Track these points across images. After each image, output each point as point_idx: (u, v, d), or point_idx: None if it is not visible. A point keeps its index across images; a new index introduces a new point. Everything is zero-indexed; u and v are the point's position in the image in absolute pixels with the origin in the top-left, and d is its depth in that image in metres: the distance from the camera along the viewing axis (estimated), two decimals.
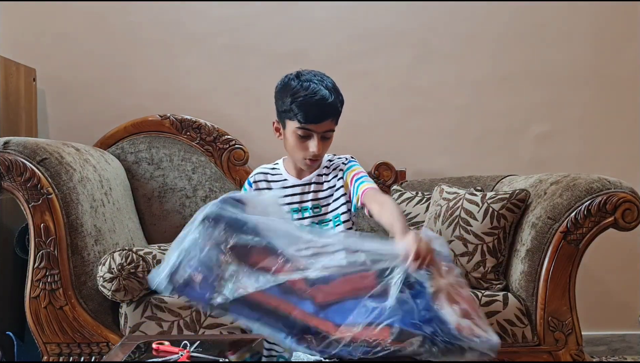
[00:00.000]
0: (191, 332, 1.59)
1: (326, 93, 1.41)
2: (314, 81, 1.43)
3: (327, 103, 1.41)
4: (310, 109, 1.40)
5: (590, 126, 2.49)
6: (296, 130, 1.43)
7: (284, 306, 1.11)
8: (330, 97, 1.42)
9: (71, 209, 1.62)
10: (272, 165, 1.61)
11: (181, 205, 2.24)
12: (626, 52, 2.48)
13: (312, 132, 1.43)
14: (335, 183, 1.53)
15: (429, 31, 2.46)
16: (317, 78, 1.44)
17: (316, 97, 1.40)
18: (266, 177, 1.57)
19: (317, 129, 1.42)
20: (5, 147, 1.59)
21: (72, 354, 1.65)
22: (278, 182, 1.56)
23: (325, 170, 1.55)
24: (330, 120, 1.44)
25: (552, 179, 1.75)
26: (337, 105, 1.45)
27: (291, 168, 1.56)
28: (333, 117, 1.45)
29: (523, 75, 2.48)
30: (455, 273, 1.16)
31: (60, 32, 2.39)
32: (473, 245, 1.74)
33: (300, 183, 1.54)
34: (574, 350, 1.65)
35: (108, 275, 1.56)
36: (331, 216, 1.53)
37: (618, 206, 1.60)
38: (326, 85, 1.44)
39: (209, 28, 2.42)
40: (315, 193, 1.53)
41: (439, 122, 2.48)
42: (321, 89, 1.42)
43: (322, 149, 1.46)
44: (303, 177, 1.54)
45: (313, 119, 1.41)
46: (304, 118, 1.41)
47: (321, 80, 1.44)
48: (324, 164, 1.56)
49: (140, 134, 2.28)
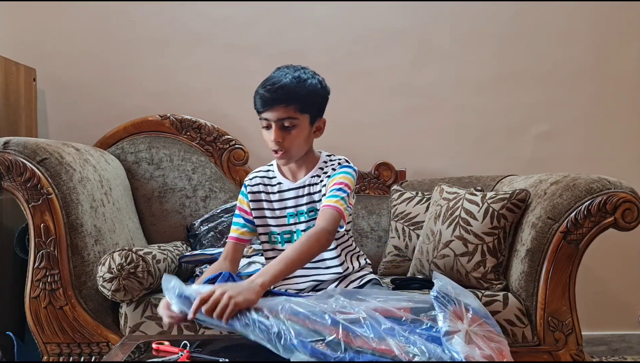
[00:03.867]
0: (191, 332, 1.59)
1: (279, 79, 1.38)
2: (277, 72, 1.42)
3: (276, 87, 1.37)
4: (262, 96, 1.39)
5: (590, 126, 2.49)
6: (261, 123, 1.43)
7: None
8: (283, 82, 1.37)
9: (71, 209, 1.62)
10: (267, 168, 1.58)
11: (181, 205, 2.24)
12: (626, 52, 2.48)
13: (269, 121, 1.41)
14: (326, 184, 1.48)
15: (429, 31, 2.46)
16: (286, 69, 1.42)
17: (266, 84, 1.39)
18: (263, 181, 1.55)
19: (269, 116, 1.40)
20: (5, 147, 1.59)
21: (72, 354, 1.65)
22: (274, 186, 1.53)
23: (319, 171, 1.50)
24: (283, 106, 1.38)
25: (552, 179, 1.75)
26: (292, 90, 1.37)
27: (285, 169, 1.53)
28: (287, 103, 1.38)
29: (523, 75, 2.48)
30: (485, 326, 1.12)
31: (60, 32, 2.39)
32: (473, 245, 1.74)
33: (294, 187, 1.51)
34: (574, 350, 1.65)
35: (108, 275, 1.56)
36: None
37: (618, 206, 1.60)
38: (285, 73, 1.40)
39: (209, 28, 2.42)
40: (310, 196, 1.50)
41: (439, 122, 2.48)
42: (275, 76, 1.40)
43: (288, 139, 1.41)
44: (298, 179, 1.51)
45: (262, 105, 1.40)
46: (257, 106, 1.41)
47: (286, 70, 1.42)
48: (319, 164, 1.51)
49: (140, 134, 2.28)
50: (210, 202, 2.26)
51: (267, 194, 1.53)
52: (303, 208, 1.50)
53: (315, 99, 1.44)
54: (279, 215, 1.52)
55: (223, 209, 2.20)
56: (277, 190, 1.52)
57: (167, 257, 1.76)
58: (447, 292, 1.14)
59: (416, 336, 1.07)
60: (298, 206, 1.50)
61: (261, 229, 1.54)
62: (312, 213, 1.49)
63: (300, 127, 1.41)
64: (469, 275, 1.75)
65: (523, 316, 1.65)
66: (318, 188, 1.49)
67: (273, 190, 1.53)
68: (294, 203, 1.50)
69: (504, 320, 1.63)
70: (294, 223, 1.50)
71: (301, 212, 1.50)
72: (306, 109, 1.41)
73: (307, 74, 1.43)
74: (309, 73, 1.44)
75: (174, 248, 1.91)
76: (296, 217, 1.50)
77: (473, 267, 1.74)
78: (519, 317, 1.65)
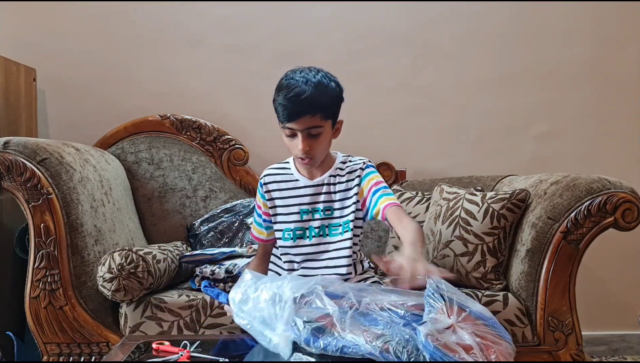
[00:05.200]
0: (191, 332, 1.59)
1: (303, 89, 1.36)
2: (295, 78, 1.39)
3: (302, 99, 1.36)
4: (286, 107, 1.37)
5: (590, 126, 2.49)
6: (283, 130, 1.43)
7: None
8: (308, 92, 1.36)
9: (71, 209, 1.62)
10: (281, 165, 1.59)
11: (181, 205, 2.24)
12: (626, 52, 2.48)
13: (295, 130, 1.40)
14: (350, 186, 1.50)
15: (429, 31, 2.46)
16: (302, 74, 1.40)
17: (290, 95, 1.36)
18: (275, 178, 1.56)
19: (296, 126, 1.39)
20: (5, 147, 1.59)
21: (72, 354, 1.65)
22: (288, 182, 1.54)
23: (339, 171, 1.52)
24: (309, 116, 1.37)
25: (552, 179, 1.75)
26: (317, 100, 1.37)
27: (302, 167, 1.54)
28: (313, 113, 1.37)
29: (523, 75, 2.48)
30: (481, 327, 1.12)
31: (60, 32, 2.39)
32: (473, 245, 1.74)
33: (312, 184, 1.52)
34: (574, 350, 1.65)
35: (108, 275, 1.56)
36: (341, 221, 1.51)
37: (618, 206, 1.60)
38: (307, 80, 1.37)
39: (209, 28, 2.42)
40: (327, 195, 1.51)
41: (439, 122, 2.48)
42: (299, 85, 1.37)
43: (314, 147, 1.42)
44: (314, 178, 1.53)
45: (288, 116, 1.38)
46: (282, 117, 1.39)
47: (305, 76, 1.39)
48: (337, 165, 1.53)
49: (141, 134, 2.28)
50: (211, 202, 2.26)
51: (280, 191, 1.55)
52: (319, 206, 1.51)
53: (337, 104, 1.45)
54: (292, 211, 1.53)
55: (223, 209, 2.20)
56: (292, 186, 1.54)
57: (167, 257, 1.76)
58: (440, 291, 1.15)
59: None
60: (314, 203, 1.52)
61: (277, 226, 1.56)
62: (328, 212, 1.51)
63: (325, 133, 1.43)
64: (469, 275, 1.75)
65: (523, 316, 1.65)
66: (338, 188, 1.51)
67: (288, 186, 1.54)
68: (310, 200, 1.52)
69: (504, 320, 1.63)
70: (307, 219, 1.52)
71: (316, 210, 1.52)
72: (329, 115, 1.42)
73: (326, 79, 1.41)
74: (328, 77, 1.43)
75: (174, 248, 1.91)
76: (310, 214, 1.52)
77: (473, 267, 1.74)
78: (519, 317, 1.65)
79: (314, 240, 1.51)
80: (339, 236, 1.50)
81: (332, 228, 1.51)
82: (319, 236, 1.51)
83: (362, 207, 1.50)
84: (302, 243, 1.52)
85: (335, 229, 1.51)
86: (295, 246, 1.53)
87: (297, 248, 1.53)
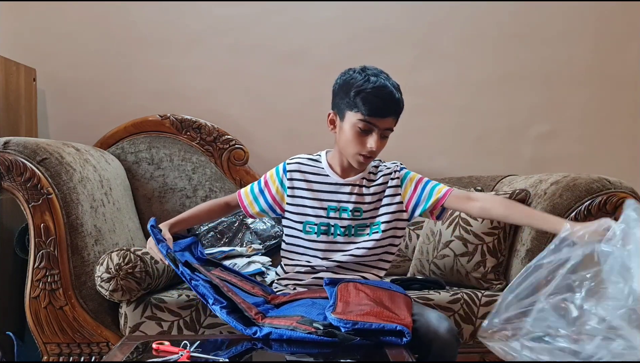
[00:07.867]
0: (191, 332, 1.59)
1: (393, 91, 1.41)
2: (381, 77, 1.43)
3: (394, 99, 1.41)
4: (376, 103, 1.40)
5: (590, 126, 2.49)
6: (357, 123, 1.42)
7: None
8: (397, 95, 1.42)
9: (71, 209, 1.62)
10: (312, 156, 1.58)
11: (181, 205, 2.24)
12: (626, 52, 2.48)
13: (374, 127, 1.42)
14: (386, 190, 1.51)
15: (429, 31, 2.46)
16: (384, 75, 1.45)
17: (383, 91, 1.40)
18: (300, 168, 1.55)
19: (379, 124, 1.41)
20: (5, 147, 1.59)
21: (72, 354, 1.65)
22: (317, 175, 1.54)
23: (372, 176, 1.53)
24: (392, 118, 1.44)
25: (552, 179, 1.75)
26: (401, 104, 1.45)
27: (336, 164, 1.54)
28: (395, 116, 1.44)
29: (523, 75, 2.48)
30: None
31: (60, 32, 2.39)
32: (473, 245, 1.74)
33: (343, 183, 1.52)
34: None
35: (106, 275, 1.56)
36: (369, 222, 1.51)
37: (618, 206, 1.60)
38: (392, 83, 1.44)
39: (210, 28, 2.42)
40: (358, 196, 1.51)
41: (439, 122, 2.48)
42: (388, 85, 1.41)
43: (380, 148, 1.45)
44: (346, 177, 1.53)
45: (377, 112, 1.40)
46: (368, 111, 1.40)
47: (387, 78, 1.44)
48: (369, 169, 1.54)
49: (141, 134, 2.28)
50: None
51: (307, 183, 1.54)
52: (348, 206, 1.51)
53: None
54: (319, 206, 1.52)
55: None
56: (322, 181, 1.53)
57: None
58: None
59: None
60: (342, 202, 1.52)
61: (296, 217, 1.54)
62: (357, 214, 1.51)
63: (389, 135, 1.48)
64: (469, 275, 1.75)
65: None
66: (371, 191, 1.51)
67: (317, 179, 1.54)
68: (339, 198, 1.52)
69: None
70: (334, 217, 1.51)
71: (344, 209, 1.51)
72: (397, 120, 1.47)
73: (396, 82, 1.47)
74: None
75: None
76: (337, 212, 1.52)
77: (473, 267, 1.74)
78: None
79: (339, 239, 1.52)
80: (366, 236, 1.51)
81: (358, 229, 1.51)
82: (344, 235, 1.52)
83: (407, 208, 1.51)
84: (327, 239, 1.52)
85: (361, 230, 1.51)
86: (320, 241, 1.52)
87: (321, 244, 1.52)
